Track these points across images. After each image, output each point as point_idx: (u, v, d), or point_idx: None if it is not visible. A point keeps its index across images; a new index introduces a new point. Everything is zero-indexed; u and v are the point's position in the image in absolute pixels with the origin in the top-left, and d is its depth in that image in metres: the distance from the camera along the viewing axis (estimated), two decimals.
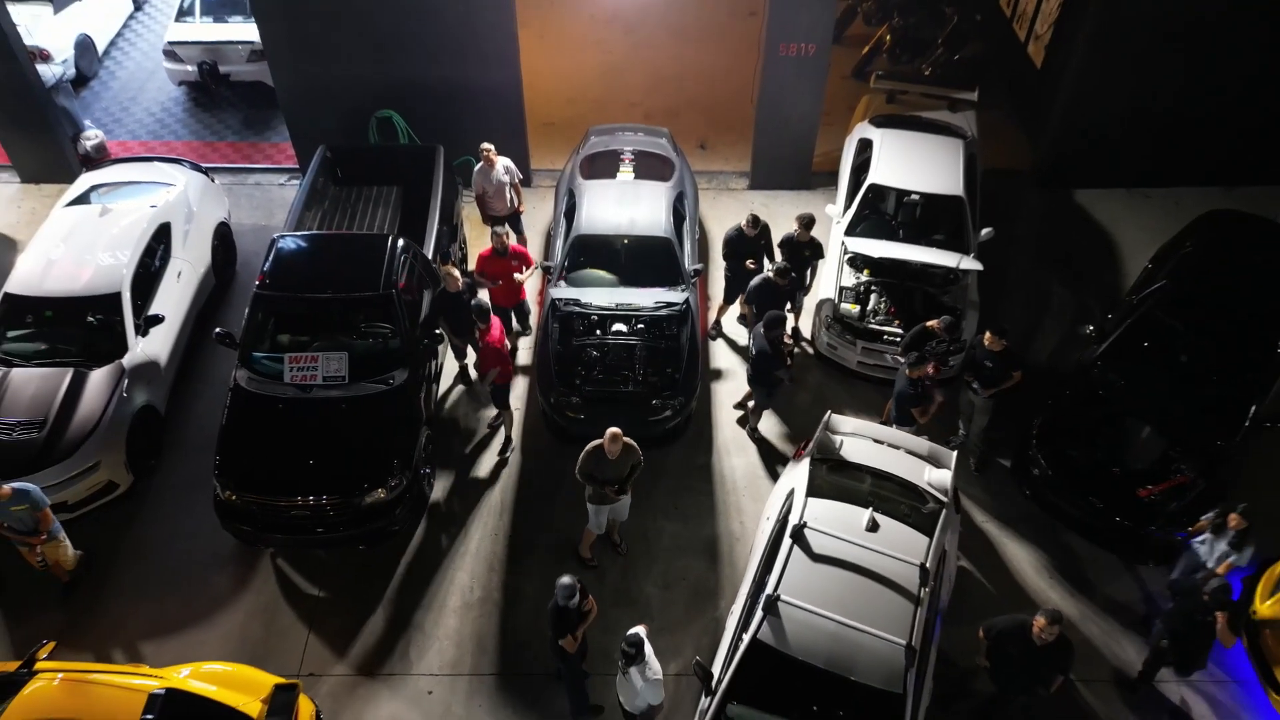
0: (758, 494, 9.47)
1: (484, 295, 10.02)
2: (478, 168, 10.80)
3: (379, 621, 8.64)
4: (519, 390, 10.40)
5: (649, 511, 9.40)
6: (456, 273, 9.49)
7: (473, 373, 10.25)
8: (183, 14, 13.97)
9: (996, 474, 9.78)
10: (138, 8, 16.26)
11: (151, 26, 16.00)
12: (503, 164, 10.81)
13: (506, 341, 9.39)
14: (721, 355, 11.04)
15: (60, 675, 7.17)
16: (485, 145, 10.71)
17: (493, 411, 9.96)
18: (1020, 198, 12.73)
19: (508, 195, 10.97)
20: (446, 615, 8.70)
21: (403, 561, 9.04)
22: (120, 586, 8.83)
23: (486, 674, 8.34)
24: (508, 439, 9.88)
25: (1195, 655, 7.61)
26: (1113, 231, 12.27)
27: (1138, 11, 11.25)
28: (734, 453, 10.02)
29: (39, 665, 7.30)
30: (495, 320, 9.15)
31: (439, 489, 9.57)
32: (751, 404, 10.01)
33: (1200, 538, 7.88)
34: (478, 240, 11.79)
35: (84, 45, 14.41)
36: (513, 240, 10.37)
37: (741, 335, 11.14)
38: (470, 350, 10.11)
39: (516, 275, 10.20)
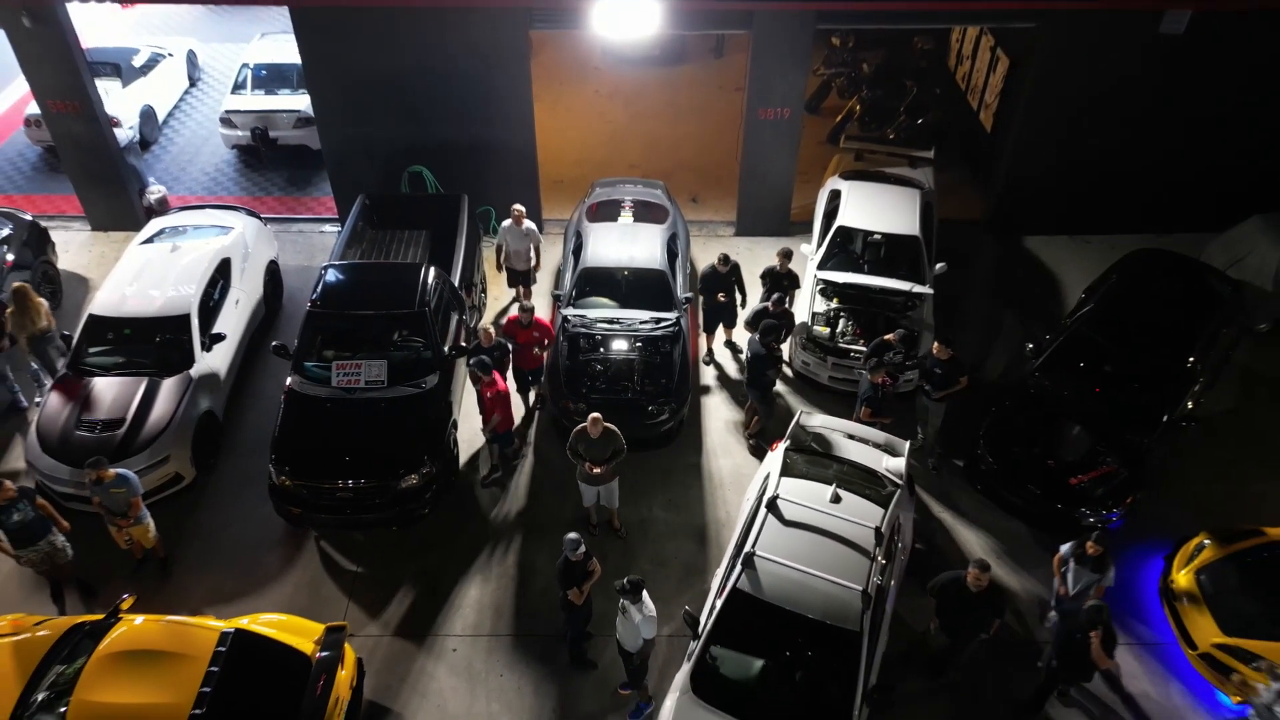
0: (741, 488, 10.80)
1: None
2: (506, 224, 12.16)
3: (409, 592, 9.91)
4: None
5: (646, 503, 10.74)
6: (492, 330, 10.74)
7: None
8: (238, 87, 15.94)
9: (951, 473, 11.14)
10: (192, 84, 18.25)
11: (203, 100, 17.98)
12: (528, 225, 12.20)
13: (508, 391, 10.43)
14: (712, 376, 12.50)
15: (144, 618, 8.46)
16: (517, 206, 12.14)
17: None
18: (975, 243, 14.39)
19: (529, 255, 12.36)
20: (468, 587, 9.97)
21: (430, 543, 10.33)
22: (185, 563, 10.11)
23: (503, 635, 9.57)
24: (493, 467, 10.99)
25: (1080, 669, 8.46)
26: (1056, 272, 13.88)
27: (1066, 84, 13.11)
28: (721, 454, 11.41)
29: (123, 614, 8.60)
30: (497, 375, 10.22)
31: (463, 482, 10.91)
32: (755, 419, 11.35)
33: (1065, 567, 8.82)
34: (495, 284, 13.39)
35: (147, 114, 16.31)
36: (530, 301, 11.62)
37: (729, 363, 12.64)
38: None
39: (536, 349, 11.06)
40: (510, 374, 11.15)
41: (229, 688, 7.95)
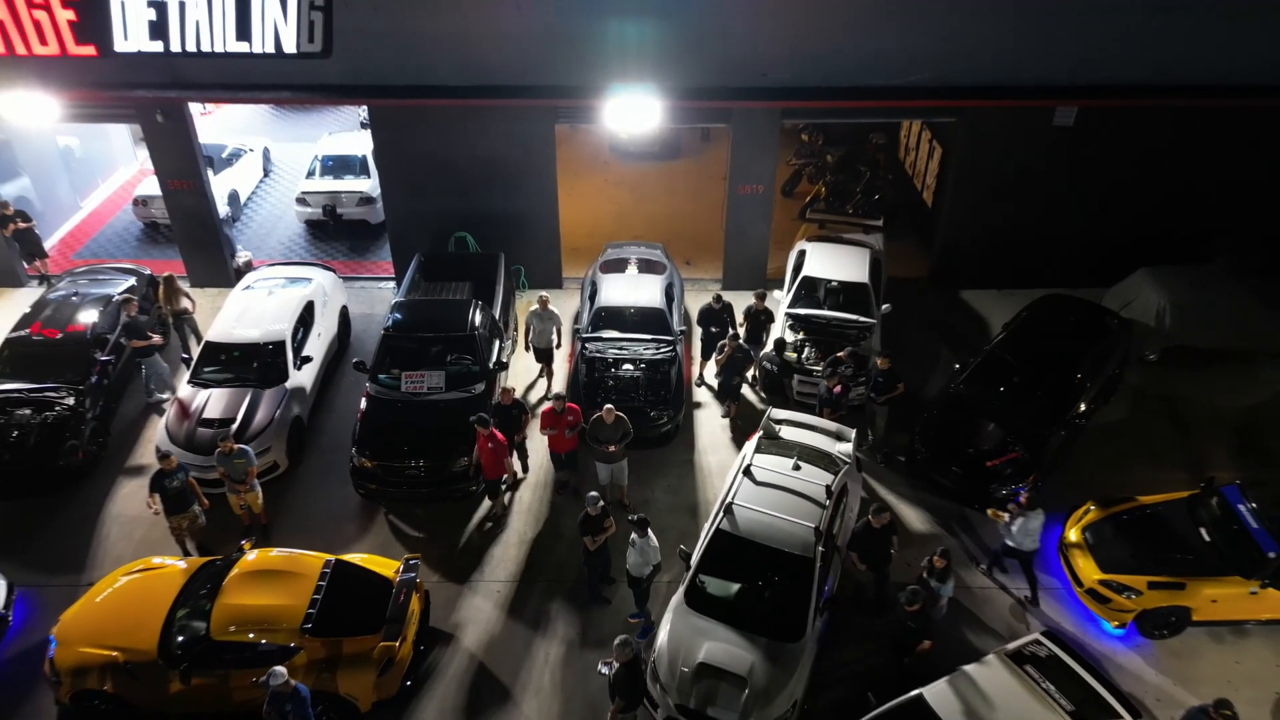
0: (725, 476, 13.41)
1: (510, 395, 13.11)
2: (533, 308, 14.54)
3: (461, 551, 12.47)
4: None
5: (650, 487, 13.36)
6: (512, 388, 13.16)
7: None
8: (310, 174, 19.31)
9: (895, 467, 13.80)
10: (266, 174, 21.66)
11: (275, 187, 21.35)
12: (552, 310, 14.52)
13: (505, 444, 12.35)
14: (703, 395, 15.29)
15: (269, 559, 11.02)
16: (542, 294, 14.65)
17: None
18: (920, 295, 17.38)
19: (552, 335, 14.73)
20: (508, 547, 12.54)
21: (476, 515, 12.93)
22: (281, 531, 12.69)
23: (536, 581, 12.09)
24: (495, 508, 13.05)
25: (908, 649, 10.41)
26: (985, 316, 16.83)
27: (983, 167, 16.40)
28: (709, 452, 14.11)
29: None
30: (495, 433, 12.17)
31: None
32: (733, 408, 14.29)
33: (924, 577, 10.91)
34: (521, 358, 16.09)
35: (233, 197, 19.60)
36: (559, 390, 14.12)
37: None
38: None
39: (569, 432, 12.56)
40: (543, 447, 13.15)
41: (332, 597, 10.53)
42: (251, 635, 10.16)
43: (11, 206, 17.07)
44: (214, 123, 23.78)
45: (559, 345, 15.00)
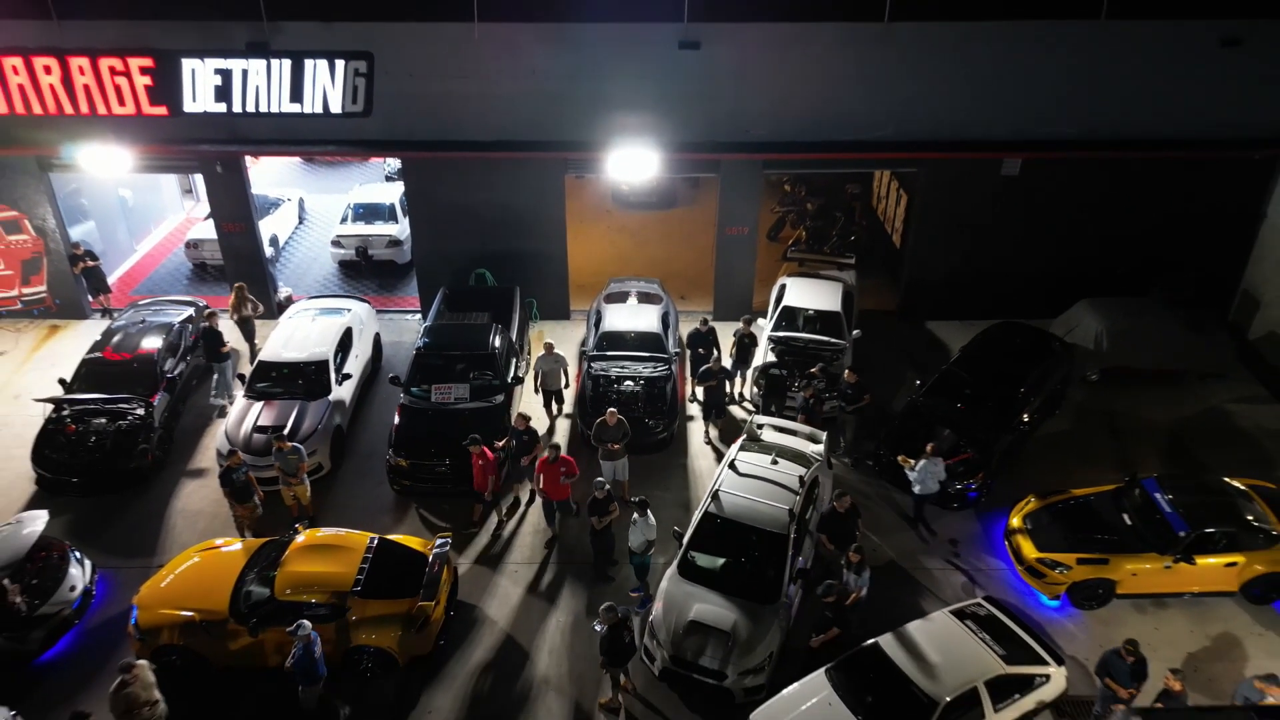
0: (713, 476, 15.29)
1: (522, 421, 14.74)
2: (540, 354, 16.33)
3: (483, 539, 14.29)
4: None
5: (648, 486, 15.16)
6: (528, 416, 14.82)
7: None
8: (344, 220, 21.54)
9: (863, 468, 15.67)
10: (300, 222, 23.90)
11: (309, 233, 23.58)
12: (558, 353, 16.27)
13: (494, 461, 13.94)
14: (694, 410, 17.21)
15: (320, 538, 12.87)
16: (548, 340, 16.54)
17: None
18: (890, 326, 19.43)
19: (560, 376, 16.45)
20: (525, 535, 14.37)
21: (495, 511, 14.76)
22: (324, 523, 14.42)
23: (550, 563, 13.89)
24: (479, 517, 14.61)
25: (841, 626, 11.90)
26: (946, 343, 18.83)
27: (941, 212, 18.59)
28: (700, 458, 16.01)
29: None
30: (486, 450, 13.76)
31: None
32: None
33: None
34: (531, 400, 18.08)
35: (274, 240, 21.78)
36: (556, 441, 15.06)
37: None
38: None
39: (563, 479, 13.56)
40: (538, 497, 14.30)
41: (377, 567, 12.35)
42: (309, 596, 11.96)
43: (82, 247, 19.21)
44: (255, 175, 26.04)
45: (566, 385, 16.57)
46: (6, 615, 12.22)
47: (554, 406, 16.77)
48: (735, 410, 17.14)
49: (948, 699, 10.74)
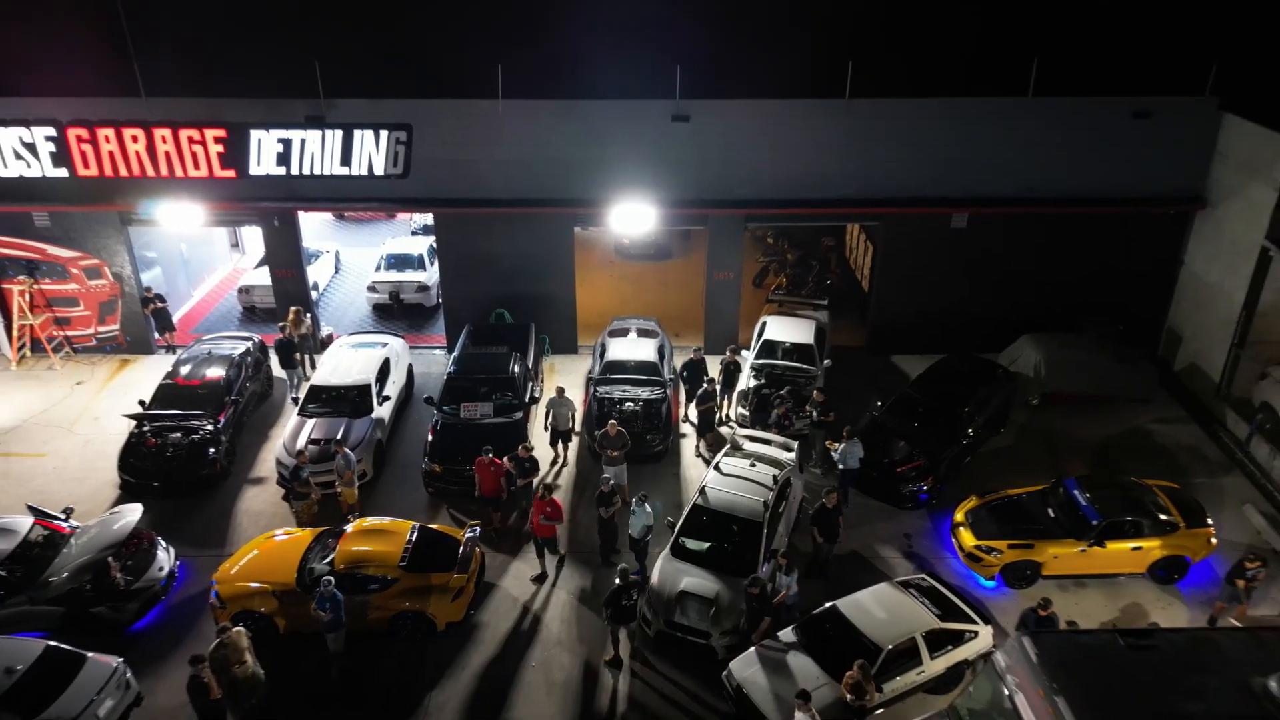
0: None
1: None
2: (551, 397, 18.58)
3: (504, 533, 16.70)
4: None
5: (646, 489, 17.63)
6: (532, 446, 17.12)
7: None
8: (378, 268, 24.37)
9: (831, 476, 18.12)
10: (336, 272, 26.75)
11: (344, 282, 26.39)
12: (568, 397, 18.41)
13: (502, 467, 16.31)
14: (687, 428, 19.76)
15: (368, 525, 15.35)
16: (560, 385, 18.78)
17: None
18: (859, 360, 22.08)
19: (569, 418, 18.65)
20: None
21: (515, 510, 17.21)
22: None
23: (562, 552, 16.29)
24: (499, 522, 16.85)
25: (753, 624, 14.16)
26: (907, 373, 21.41)
27: (900, 260, 21.38)
28: (691, 469, 18.51)
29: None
30: (495, 460, 16.15)
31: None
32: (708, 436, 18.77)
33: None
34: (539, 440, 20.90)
35: (315, 286, 24.53)
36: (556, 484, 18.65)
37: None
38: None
39: (543, 519, 15.24)
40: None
41: (419, 546, 14.79)
42: (363, 569, 14.38)
43: (152, 291, 21.99)
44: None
45: (574, 428, 18.67)
46: (109, 588, 14.65)
47: (560, 447, 18.53)
48: (723, 429, 19.67)
49: (890, 647, 13.09)
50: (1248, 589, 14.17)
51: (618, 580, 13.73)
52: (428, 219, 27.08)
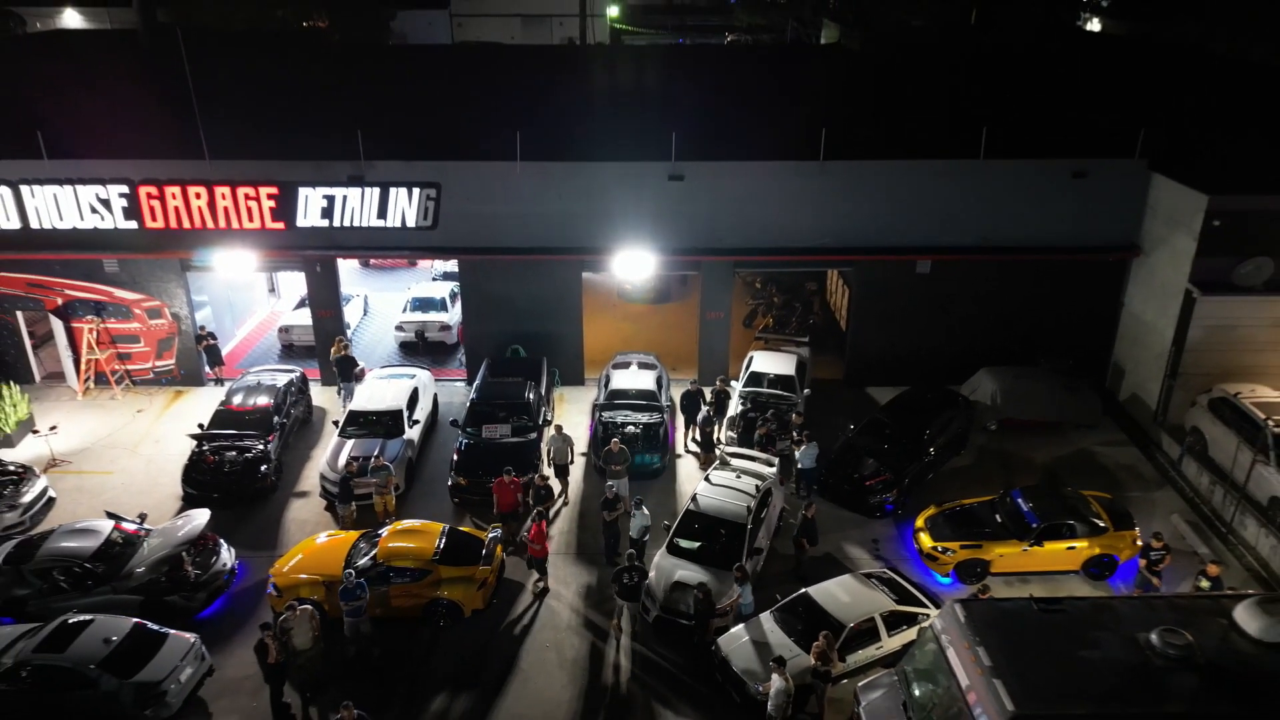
0: None
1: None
2: (550, 434, 21.12)
3: (521, 537, 19.06)
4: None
5: (646, 499, 20.03)
6: (547, 475, 20.02)
7: None
8: (405, 309, 27.05)
9: (809, 492, 20.54)
10: (365, 313, 29.42)
11: (372, 323, 29.03)
12: (567, 433, 20.64)
13: (518, 485, 19.01)
14: (680, 449, 22.20)
15: (404, 526, 17.75)
16: (558, 423, 21.36)
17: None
18: (837, 391, 24.58)
19: (568, 453, 20.94)
20: (552, 535, 19.13)
21: (529, 519, 19.55)
22: None
23: (571, 551, 18.63)
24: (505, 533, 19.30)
25: (704, 624, 16.44)
26: (879, 401, 23.85)
27: (873, 301, 24.00)
28: (687, 483, 20.88)
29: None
30: (514, 479, 18.91)
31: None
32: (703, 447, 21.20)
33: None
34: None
35: (346, 326, 27.21)
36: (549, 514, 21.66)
37: (693, 445, 22.45)
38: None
39: (537, 546, 17.31)
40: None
41: (449, 545, 17.16)
42: (401, 562, 16.73)
43: (206, 328, 24.63)
44: None
45: (573, 460, 20.83)
46: (182, 580, 17.00)
47: (560, 480, 20.35)
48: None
49: (851, 625, 15.38)
50: (1155, 569, 16.49)
51: (622, 563, 16.10)
52: (447, 266, 29.96)
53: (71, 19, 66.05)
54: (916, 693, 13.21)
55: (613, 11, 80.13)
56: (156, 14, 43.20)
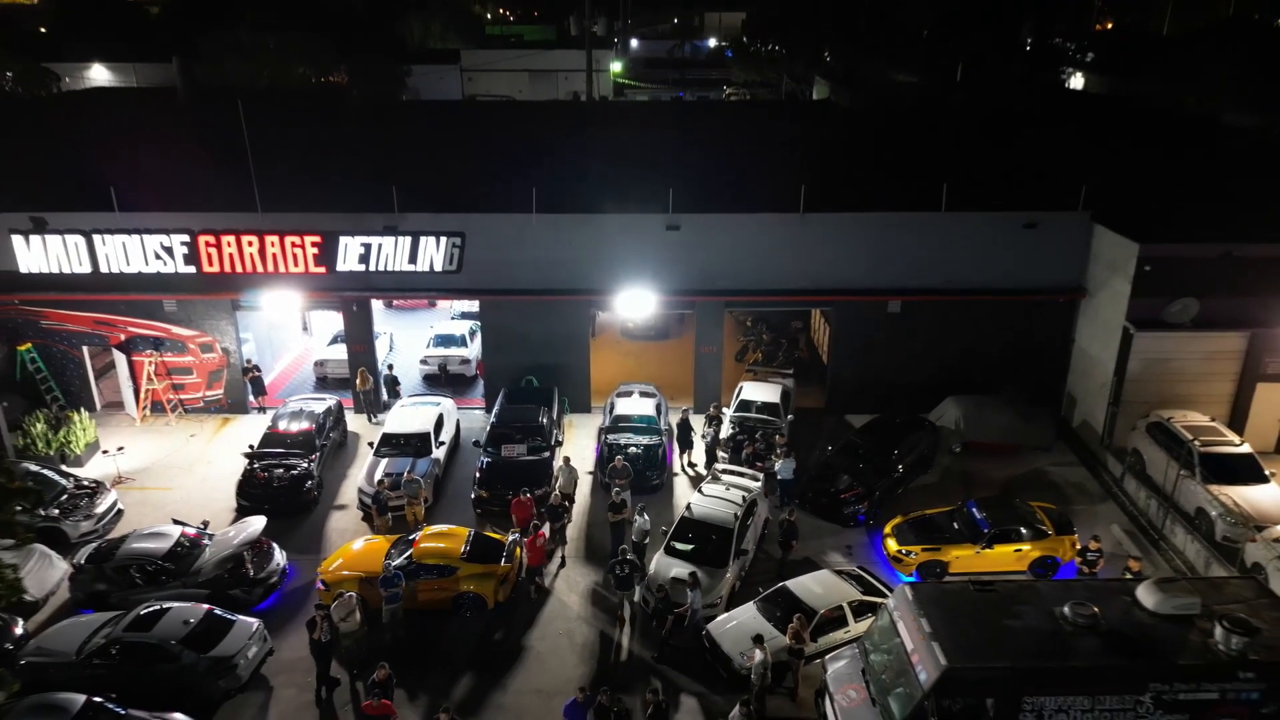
0: None
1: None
2: (558, 465, 23.89)
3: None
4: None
5: (646, 511, 22.61)
6: (560, 495, 23.11)
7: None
8: (428, 345, 29.89)
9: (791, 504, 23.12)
10: (390, 349, 32.19)
11: (398, 357, 31.74)
12: (573, 465, 23.62)
13: (531, 504, 21.77)
14: (677, 468, 24.83)
15: (435, 530, 20.38)
16: (566, 454, 24.68)
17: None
18: (819, 418, 27.26)
19: (573, 482, 23.59)
20: (566, 537, 21.72)
21: (544, 529, 22.15)
22: None
23: (581, 555, 21.19)
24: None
25: (662, 621, 19.11)
26: (855, 427, 26.57)
27: (850, 337, 26.80)
28: (682, 497, 23.48)
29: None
30: (530, 498, 21.67)
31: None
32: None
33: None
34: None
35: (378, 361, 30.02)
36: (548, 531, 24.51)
37: (688, 467, 25.09)
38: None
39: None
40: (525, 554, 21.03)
41: (475, 545, 19.77)
42: (433, 560, 19.30)
43: (251, 362, 27.43)
44: None
45: (574, 492, 23.39)
46: (242, 576, 19.57)
47: (566, 507, 22.60)
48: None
49: (822, 611, 17.90)
50: (1092, 569, 19.02)
51: (617, 559, 18.73)
52: (465, 306, 32.82)
53: (99, 74, 69.96)
54: (873, 659, 15.71)
55: (616, 67, 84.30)
56: (196, 75, 46.65)
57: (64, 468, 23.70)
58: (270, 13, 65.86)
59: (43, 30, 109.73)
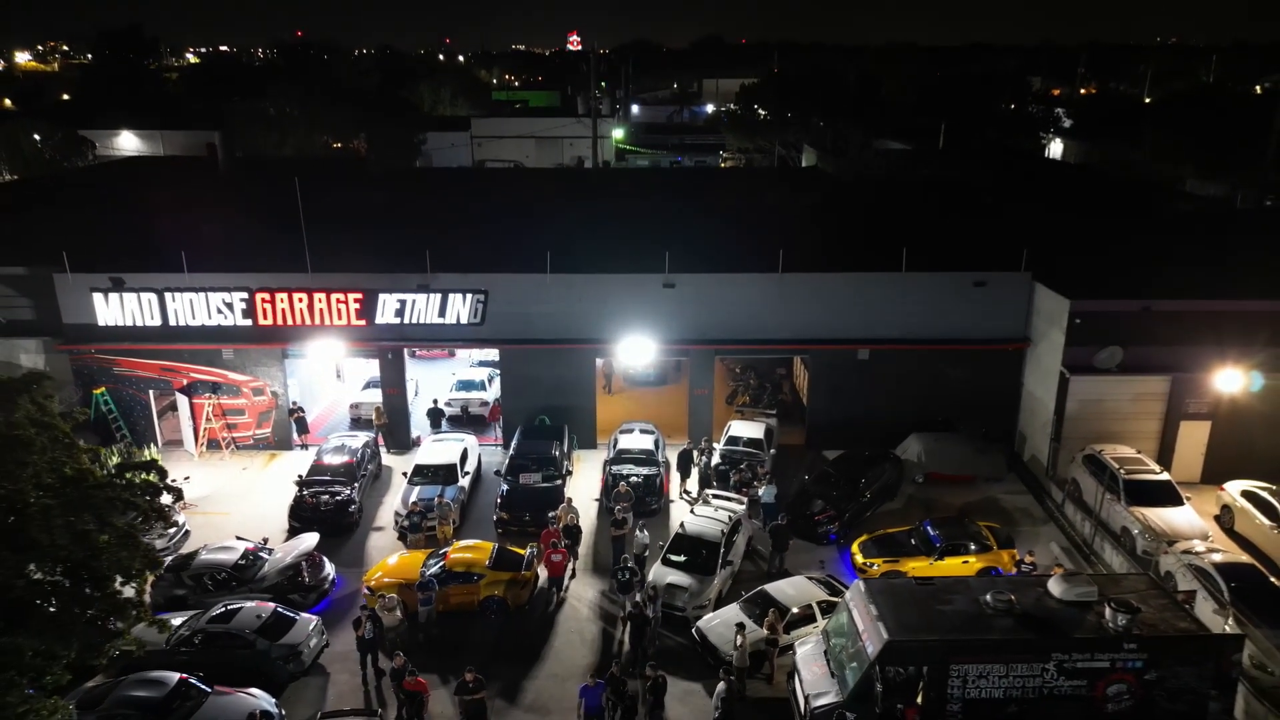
0: None
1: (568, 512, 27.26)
2: (563, 506, 27.71)
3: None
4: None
5: (647, 527, 25.94)
6: (571, 518, 26.75)
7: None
8: (451, 389, 33.49)
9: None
10: (416, 394, 35.72)
11: (422, 401, 35.31)
12: (575, 506, 27.14)
13: (557, 535, 25.61)
14: (674, 494, 28.20)
15: (464, 544, 23.76)
16: (570, 495, 28.47)
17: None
18: (800, 454, 30.70)
19: (578, 521, 27.67)
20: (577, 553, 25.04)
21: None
22: None
23: (589, 566, 24.49)
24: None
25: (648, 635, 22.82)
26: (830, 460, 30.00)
27: (824, 383, 30.38)
28: (676, 518, 26.81)
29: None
30: (556, 531, 25.11)
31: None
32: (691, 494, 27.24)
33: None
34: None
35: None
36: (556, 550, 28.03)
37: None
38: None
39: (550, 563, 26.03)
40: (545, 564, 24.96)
41: (499, 556, 23.12)
42: (464, 569, 22.62)
43: (296, 403, 30.98)
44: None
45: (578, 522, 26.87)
46: (299, 583, 22.88)
47: (570, 540, 26.02)
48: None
49: (795, 610, 21.18)
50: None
51: (619, 567, 22.12)
52: (484, 354, 36.47)
53: (128, 141, 74.38)
54: (833, 642, 18.98)
55: (618, 134, 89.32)
56: (236, 147, 51.02)
57: None
58: (291, 84, 70.77)
59: (65, 97, 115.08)
